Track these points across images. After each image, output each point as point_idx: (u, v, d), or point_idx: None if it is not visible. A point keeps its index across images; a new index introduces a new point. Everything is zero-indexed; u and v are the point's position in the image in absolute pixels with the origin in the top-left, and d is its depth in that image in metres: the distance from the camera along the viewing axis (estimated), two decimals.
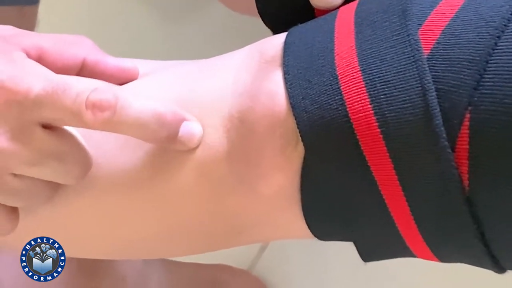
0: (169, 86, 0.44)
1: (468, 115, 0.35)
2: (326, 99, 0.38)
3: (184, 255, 0.51)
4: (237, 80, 0.42)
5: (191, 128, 0.41)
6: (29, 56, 0.41)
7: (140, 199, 0.43)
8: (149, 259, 0.75)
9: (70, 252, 0.48)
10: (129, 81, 0.45)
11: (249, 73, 0.42)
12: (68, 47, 0.43)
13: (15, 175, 0.40)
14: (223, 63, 0.44)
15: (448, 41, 0.36)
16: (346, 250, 0.45)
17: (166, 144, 0.41)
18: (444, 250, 0.40)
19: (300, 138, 0.39)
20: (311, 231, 0.43)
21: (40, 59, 0.42)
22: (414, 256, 0.42)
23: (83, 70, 0.43)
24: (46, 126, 0.40)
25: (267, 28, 0.48)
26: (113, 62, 0.44)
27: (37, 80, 0.39)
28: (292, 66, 0.40)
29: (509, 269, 0.39)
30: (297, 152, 0.40)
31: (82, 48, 0.44)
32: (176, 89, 0.43)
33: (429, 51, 0.36)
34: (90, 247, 0.48)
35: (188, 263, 0.80)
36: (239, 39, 0.45)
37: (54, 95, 0.38)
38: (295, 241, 0.83)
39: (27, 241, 0.45)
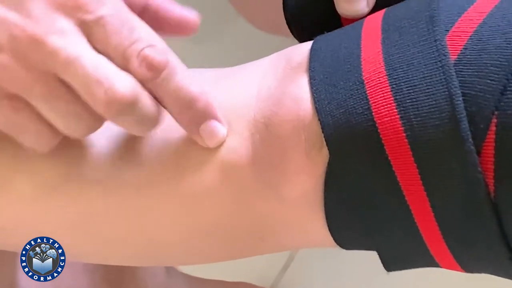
0: None
1: (494, 120, 0.34)
2: (352, 103, 0.38)
3: (206, 262, 0.50)
4: (262, 85, 0.42)
5: (215, 127, 0.41)
6: None
7: (162, 201, 0.42)
8: (173, 274, 0.75)
9: (84, 256, 0.48)
10: (190, 33, 0.43)
11: (274, 78, 0.42)
12: None
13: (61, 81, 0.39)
14: (249, 69, 0.44)
15: (475, 46, 0.36)
16: (369, 269, 0.44)
17: (184, 126, 0.41)
18: (468, 259, 0.39)
19: (324, 142, 0.39)
20: (333, 237, 0.42)
21: None
22: (438, 266, 0.41)
23: (145, 12, 0.42)
24: None
25: (291, 45, 0.48)
26: (178, 11, 0.43)
27: (108, 6, 0.38)
28: (318, 71, 0.40)
29: None
30: (322, 157, 0.39)
31: None
32: None
33: (456, 56, 0.36)
34: (110, 251, 0.47)
35: (211, 280, 0.79)
36: (262, 57, 0.45)
37: (116, 28, 0.38)
38: (317, 260, 0.83)
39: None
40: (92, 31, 0.38)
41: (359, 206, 0.39)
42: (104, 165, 0.43)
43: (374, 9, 0.44)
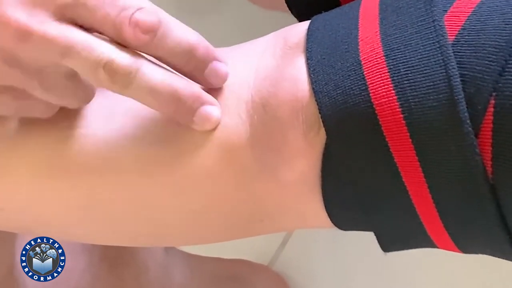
0: None
1: (492, 101, 0.34)
2: (349, 84, 0.38)
3: (204, 243, 0.50)
4: (260, 66, 0.42)
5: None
6: None
7: (161, 181, 0.42)
8: (171, 252, 0.75)
9: (86, 236, 0.48)
10: None
11: (272, 59, 0.41)
12: None
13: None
14: (246, 49, 0.44)
15: (473, 27, 0.36)
16: (366, 246, 0.45)
17: (189, 77, 0.41)
18: (466, 240, 0.39)
19: (322, 123, 0.38)
20: (331, 219, 0.42)
21: None
22: (435, 247, 0.41)
23: None
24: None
25: (288, 22, 0.48)
26: None
27: None
28: (315, 52, 0.40)
29: None
30: (320, 138, 0.39)
31: None
32: None
33: (454, 37, 0.36)
34: (110, 233, 0.47)
35: (209, 258, 0.79)
36: (259, 33, 0.45)
37: (99, 1, 0.37)
38: (315, 237, 0.84)
39: (46, 225, 0.45)
40: (75, 13, 0.37)
41: (356, 188, 0.39)
42: (103, 149, 0.43)
43: None
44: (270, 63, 0.41)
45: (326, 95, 0.38)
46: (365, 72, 0.37)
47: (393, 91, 0.36)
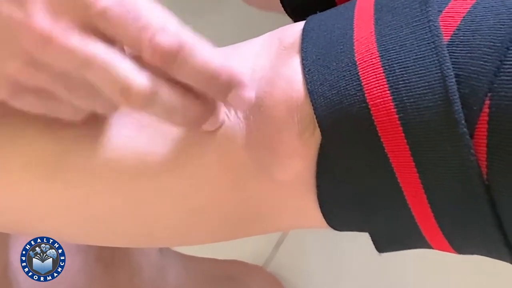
0: None
1: (487, 102, 0.34)
2: (344, 84, 0.38)
3: (200, 243, 0.50)
4: (255, 67, 0.42)
5: (241, 95, 0.39)
6: None
7: (157, 182, 0.42)
8: (166, 253, 0.75)
9: (82, 237, 0.48)
10: None
11: (267, 59, 0.41)
12: None
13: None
14: (242, 49, 0.44)
15: (468, 27, 0.36)
16: (361, 246, 0.45)
17: (214, 97, 0.40)
18: (460, 240, 0.39)
19: (317, 123, 0.39)
20: (326, 219, 0.42)
21: None
22: (430, 247, 0.42)
23: None
24: None
25: (285, 23, 0.48)
26: None
27: None
28: (310, 52, 0.40)
29: None
30: (315, 138, 0.39)
31: None
32: None
33: (449, 37, 0.36)
34: (107, 234, 0.47)
35: (204, 258, 0.79)
36: (258, 33, 0.45)
37: (121, 18, 0.36)
38: (310, 238, 0.84)
39: (41, 225, 0.45)
40: (98, 24, 0.36)
41: (351, 188, 0.39)
42: (102, 150, 0.42)
43: None
44: (266, 63, 0.41)
45: (321, 95, 0.38)
46: (360, 73, 0.37)
47: (388, 92, 0.36)
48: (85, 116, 0.41)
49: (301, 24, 0.42)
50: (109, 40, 0.37)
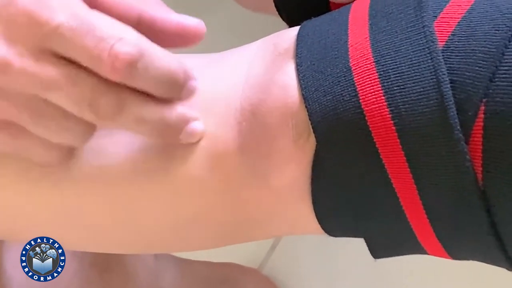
0: None
1: (483, 107, 0.34)
2: (339, 90, 0.38)
3: (193, 250, 0.50)
4: (250, 73, 0.42)
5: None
6: None
7: (150, 189, 0.42)
8: (161, 257, 0.76)
9: (75, 244, 0.48)
10: (194, 42, 0.41)
11: (262, 65, 0.42)
12: None
13: (45, 101, 0.38)
14: (236, 55, 0.44)
15: (463, 33, 0.36)
16: (356, 250, 0.45)
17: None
18: (455, 246, 0.40)
19: (312, 129, 0.39)
20: (321, 225, 0.42)
21: (93, 4, 0.38)
22: (425, 253, 0.42)
23: (140, 25, 0.39)
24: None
25: (279, 26, 0.49)
26: (175, 20, 0.40)
27: (63, 11, 0.36)
28: (305, 58, 0.40)
29: None
30: (309, 144, 0.39)
31: (142, 1, 0.40)
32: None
33: (444, 43, 0.36)
34: (98, 241, 0.47)
35: (199, 261, 0.80)
36: (251, 37, 0.45)
37: (76, 32, 0.36)
38: (305, 241, 0.84)
39: (33, 232, 0.44)
40: (55, 44, 0.36)
41: (346, 194, 0.40)
42: (94, 158, 0.42)
43: None
44: (260, 69, 0.41)
45: (316, 101, 0.38)
46: (355, 78, 0.37)
47: (383, 97, 0.36)
48: (59, 159, 0.41)
49: (295, 30, 0.42)
50: (69, 61, 0.37)
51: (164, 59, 0.38)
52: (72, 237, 0.46)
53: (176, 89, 0.39)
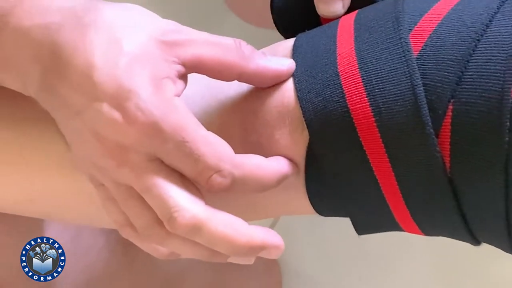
0: (189, 85, 0.41)
1: (451, 107, 0.35)
2: (329, 92, 0.39)
3: None
4: None
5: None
6: (185, 66, 0.38)
7: None
8: None
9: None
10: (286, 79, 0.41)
11: None
12: (225, 54, 0.39)
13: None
14: None
15: (434, 44, 0.37)
16: (344, 227, 0.46)
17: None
18: (428, 224, 0.40)
19: (305, 125, 0.40)
20: (313, 206, 0.43)
21: (196, 68, 0.39)
22: (402, 230, 0.43)
23: (241, 77, 0.40)
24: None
25: (277, 38, 0.48)
26: (272, 69, 0.40)
27: (172, 134, 0.36)
28: (299, 65, 0.41)
29: (484, 242, 0.40)
30: (303, 138, 0.40)
31: (238, 57, 0.39)
32: (198, 89, 0.43)
33: (418, 52, 0.37)
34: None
35: None
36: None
37: (181, 156, 0.37)
38: (301, 221, 0.83)
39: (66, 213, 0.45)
40: (162, 156, 0.37)
41: (334, 180, 0.40)
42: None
43: (348, 10, 0.44)
44: None
45: (309, 101, 0.39)
46: (342, 82, 0.38)
47: (366, 98, 0.37)
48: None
49: (291, 41, 0.43)
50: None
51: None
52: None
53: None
